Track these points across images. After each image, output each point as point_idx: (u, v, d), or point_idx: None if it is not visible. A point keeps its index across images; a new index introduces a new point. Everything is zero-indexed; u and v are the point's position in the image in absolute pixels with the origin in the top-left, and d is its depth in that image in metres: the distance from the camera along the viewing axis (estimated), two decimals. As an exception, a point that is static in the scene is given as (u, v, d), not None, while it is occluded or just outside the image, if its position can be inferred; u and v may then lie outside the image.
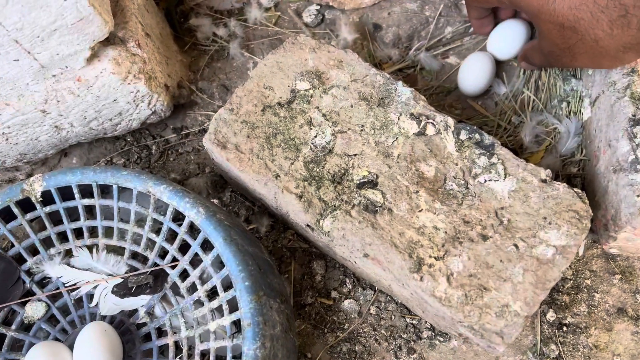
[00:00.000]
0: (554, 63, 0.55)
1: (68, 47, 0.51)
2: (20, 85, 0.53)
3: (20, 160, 0.64)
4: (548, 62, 0.56)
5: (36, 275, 0.57)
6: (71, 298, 0.56)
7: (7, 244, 0.58)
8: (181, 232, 0.54)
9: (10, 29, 0.46)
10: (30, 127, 0.58)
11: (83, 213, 0.56)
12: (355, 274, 0.61)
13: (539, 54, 0.56)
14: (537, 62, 0.58)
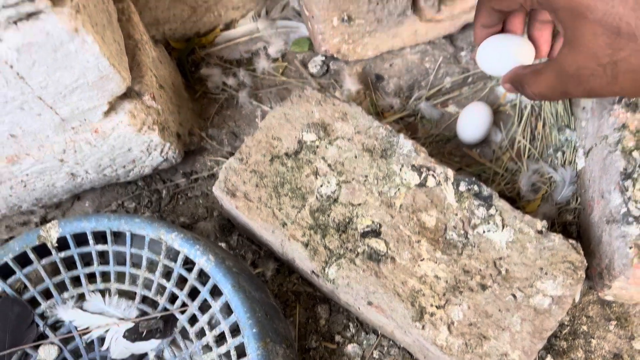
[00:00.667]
0: (573, 89, 0.43)
1: (88, 103, 0.53)
2: (41, 137, 0.55)
3: (36, 205, 0.66)
4: (564, 88, 0.43)
5: (49, 318, 0.58)
6: (83, 342, 0.58)
7: (21, 286, 0.60)
8: (191, 278, 0.56)
9: (35, 88, 0.49)
10: (47, 175, 0.61)
11: (96, 258, 0.58)
12: (358, 319, 0.63)
13: (553, 77, 0.43)
14: (542, 89, 0.45)
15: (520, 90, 0.47)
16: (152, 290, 0.58)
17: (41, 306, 0.58)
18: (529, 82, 0.45)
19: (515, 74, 0.47)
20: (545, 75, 0.43)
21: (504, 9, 0.46)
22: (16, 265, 0.57)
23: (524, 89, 0.46)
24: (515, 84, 0.47)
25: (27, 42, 0.45)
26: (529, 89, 0.46)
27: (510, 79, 0.48)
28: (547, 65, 0.43)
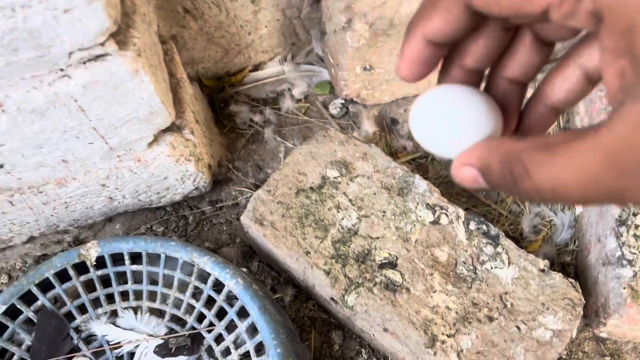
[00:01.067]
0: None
1: (135, 134, 0.59)
2: (89, 163, 0.60)
3: (72, 225, 0.71)
4: (622, 184, 0.21)
5: (83, 332, 0.62)
6: (113, 356, 0.62)
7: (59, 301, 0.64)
8: (220, 300, 0.60)
9: (93, 119, 0.55)
10: (88, 198, 0.65)
11: (131, 277, 0.63)
12: (370, 345, 0.67)
13: (600, 160, 0.21)
14: (572, 181, 0.22)
15: (510, 182, 0.24)
16: (181, 309, 0.62)
17: (76, 320, 0.62)
18: (540, 169, 0.23)
19: (503, 150, 0.24)
20: (581, 156, 0.21)
21: (494, 13, 0.24)
22: (56, 281, 0.62)
23: (522, 181, 0.23)
24: (502, 170, 0.24)
25: (93, 80, 0.51)
26: (540, 180, 0.23)
27: (482, 160, 0.25)
28: (585, 138, 0.21)
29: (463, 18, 0.25)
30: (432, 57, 0.27)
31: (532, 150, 0.23)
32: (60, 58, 0.48)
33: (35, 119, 0.52)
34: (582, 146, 0.21)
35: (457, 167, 0.26)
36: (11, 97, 0.50)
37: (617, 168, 0.21)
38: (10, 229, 0.67)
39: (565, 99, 0.28)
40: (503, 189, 0.24)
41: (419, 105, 0.28)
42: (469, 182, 0.25)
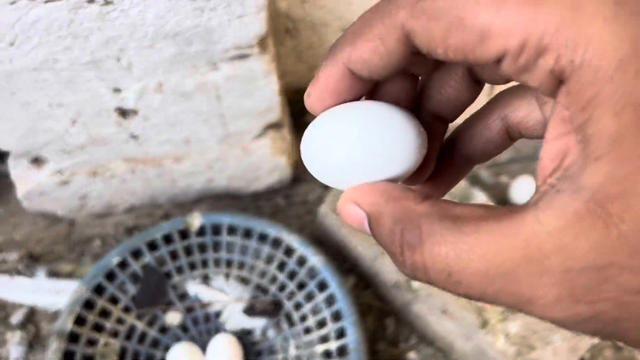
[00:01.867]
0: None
1: (249, 125, 0.70)
2: (205, 145, 0.71)
3: (169, 201, 0.81)
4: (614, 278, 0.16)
5: (179, 289, 0.72)
6: (202, 313, 0.71)
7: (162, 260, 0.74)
8: (302, 273, 0.70)
9: (223, 108, 0.66)
10: (193, 177, 0.76)
11: (225, 247, 0.73)
12: (420, 331, 0.77)
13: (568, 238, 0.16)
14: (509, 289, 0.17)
15: (397, 247, 0.19)
16: (265, 278, 0.72)
17: (174, 279, 0.72)
18: (438, 245, 0.18)
19: (400, 207, 0.20)
20: (493, 243, 0.17)
21: (437, 54, 0.19)
22: (162, 243, 0.72)
23: (412, 252, 0.18)
24: (393, 229, 0.19)
25: (235, 74, 0.62)
26: (434, 258, 0.18)
27: (374, 207, 0.20)
28: (501, 221, 0.17)
29: (397, 53, 0.20)
30: (351, 91, 0.22)
31: (434, 218, 0.18)
32: (218, 54, 0.59)
33: (181, 101, 0.64)
34: (497, 231, 0.17)
35: (344, 201, 0.21)
36: (170, 81, 0.61)
37: (536, 270, 0.16)
38: (122, 196, 0.77)
39: (482, 150, 0.24)
40: (388, 251, 0.19)
41: (325, 118, 0.22)
42: (354, 223, 0.21)
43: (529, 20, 0.16)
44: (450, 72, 0.23)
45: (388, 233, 0.19)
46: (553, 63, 0.17)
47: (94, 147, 0.68)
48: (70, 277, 0.80)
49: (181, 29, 0.55)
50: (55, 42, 0.54)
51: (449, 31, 0.18)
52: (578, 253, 0.16)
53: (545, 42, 0.16)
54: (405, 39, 0.19)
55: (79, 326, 0.66)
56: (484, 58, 0.18)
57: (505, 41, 0.17)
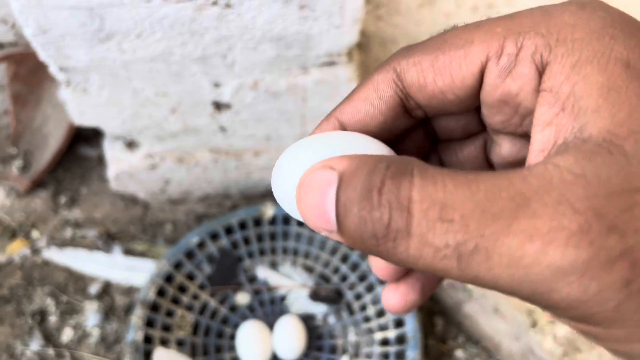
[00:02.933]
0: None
1: (326, 126, 0.76)
2: (283, 141, 0.78)
3: (239, 193, 0.88)
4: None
5: (248, 272, 0.78)
6: (269, 296, 0.77)
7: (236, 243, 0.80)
8: (364, 265, 0.76)
9: (306, 109, 0.73)
10: (266, 171, 0.83)
11: (293, 237, 0.79)
12: (467, 331, 0.81)
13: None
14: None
15: (377, 187, 0.16)
16: (328, 268, 0.78)
17: (245, 262, 0.78)
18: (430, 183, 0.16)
19: (386, 154, 0.20)
20: (482, 185, 0.16)
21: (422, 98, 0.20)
22: (237, 228, 0.78)
23: (395, 187, 0.16)
24: (370, 171, 0.17)
25: (322, 79, 0.69)
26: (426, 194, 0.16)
27: (352, 161, 0.18)
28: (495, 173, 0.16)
29: (389, 100, 0.20)
30: None
31: (428, 166, 0.16)
32: (311, 59, 0.66)
33: (271, 100, 0.70)
34: (504, 173, 0.15)
35: (313, 168, 0.18)
36: (265, 80, 0.68)
37: (555, 199, 0.15)
38: (200, 185, 0.84)
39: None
40: (356, 207, 0.16)
41: (287, 156, 0.20)
42: (315, 192, 0.17)
43: (504, 27, 0.18)
44: (428, 162, 0.19)
45: (366, 175, 0.16)
46: (532, 52, 0.18)
47: (185, 135, 0.75)
48: (143, 256, 0.87)
49: (285, 34, 0.62)
50: (174, 37, 0.61)
51: (436, 58, 0.19)
52: (602, 178, 0.14)
53: (521, 38, 0.18)
54: (397, 80, 0.20)
55: (160, 297, 0.72)
56: (470, 71, 0.19)
57: (487, 47, 0.19)
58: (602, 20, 0.17)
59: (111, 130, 0.74)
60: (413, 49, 0.20)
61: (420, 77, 0.20)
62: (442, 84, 0.19)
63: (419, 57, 0.19)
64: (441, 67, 0.19)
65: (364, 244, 0.16)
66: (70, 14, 0.57)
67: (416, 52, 0.20)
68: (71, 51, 0.62)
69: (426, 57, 0.19)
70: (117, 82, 0.66)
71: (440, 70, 0.19)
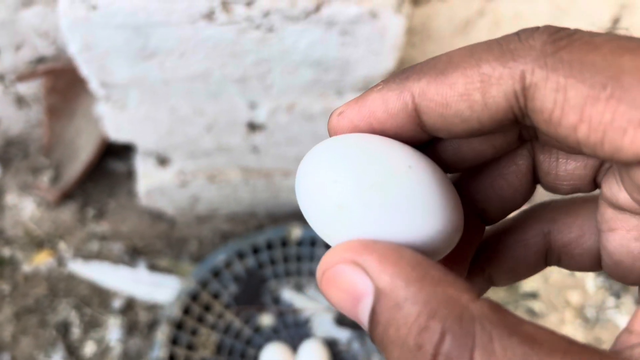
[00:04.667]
0: None
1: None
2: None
3: (266, 213, 0.88)
4: None
5: (273, 294, 0.78)
6: (293, 318, 0.77)
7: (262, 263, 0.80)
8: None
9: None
10: (294, 193, 0.83)
11: (320, 259, 0.79)
12: None
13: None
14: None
15: (427, 352, 0.13)
16: (354, 294, 0.77)
17: (270, 283, 0.78)
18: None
19: (442, 292, 0.13)
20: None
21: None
22: (265, 248, 0.78)
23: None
24: (425, 323, 0.13)
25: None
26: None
27: (395, 278, 0.14)
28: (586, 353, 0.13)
29: (500, 117, 0.15)
30: (404, 135, 0.17)
31: (499, 329, 0.13)
32: (348, 84, 0.67)
33: (304, 123, 0.71)
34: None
35: (339, 255, 0.15)
36: (300, 103, 0.69)
37: None
38: (229, 203, 0.84)
39: (511, 270, 0.20)
40: (398, 354, 0.13)
41: (314, 157, 0.17)
42: (345, 295, 0.14)
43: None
44: (512, 164, 0.18)
45: (415, 329, 0.13)
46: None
47: (218, 154, 0.76)
48: (168, 273, 0.87)
49: (324, 59, 0.63)
50: (216, 58, 0.62)
51: (595, 95, 0.13)
52: None
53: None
54: (520, 94, 0.14)
55: (185, 315, 0.72)
56: (634, 150, 0.13)
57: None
58: None
59: (145, 146, 0.75)
60: (564, 52, 0.14)
61: (557, 112, 0.14)
62: (587, 137, 0.14)
63: (569, 79, 0.14)
64: (596, 117, 0.13)
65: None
66: (116, 32, 0.59)
67: (566, 66, 0.14)
68: (114, 68, 0.63)
69: (579, 87, 0.13)
70: (156, 99, 0.67)
71: (592, 121, 0.14)
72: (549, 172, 0.18)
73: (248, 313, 0.76)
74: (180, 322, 0.71)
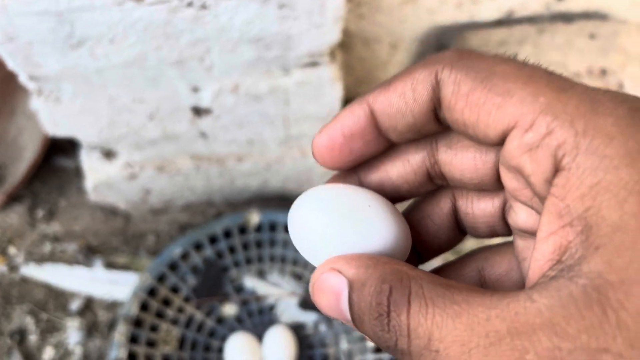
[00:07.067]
0: None
1: (310, 129, 0.74)
2: (266, 146, 0.76)
3: (224, 200, 0.85)
4: None
5: (235, 282, 0.76)
6: (257, 306, 0.75)
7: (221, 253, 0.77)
8: (354, 271, 0.74)
9: (290, 110, 0.70)
10: (251, 177, 0.80)
11: (281, 244, 0.77)
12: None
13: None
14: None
15: (383, 307, 0.18)
16: (318, 276, 0.75)
17: (231, 272, 0.76)
18: (426, 307, 0.18)
19: (389, 269, 0.19)
20: (481, 314, 0.17)
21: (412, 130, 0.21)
22: (222, 237, 0.76)
23: (398, 311, 0.18)
24: (380, 289, 0.19)
25: (304, 80, 0.67)
26: (419, 319, 0.18)
27: (359, 272, 0.20)
28: (493, 297, 0.17)
29: (423, 102, 0.20)
30: (364, 139, 0.22)
31: (425, 282, 0.18)
32: (292, 60, 0.64)
33: (252, 103, 0.68)
34: (488, 303, 0.17)
35: (322, 269, 0.20)
36: (245, 83, 0.66)
37: (522, 346, 0.16)
38: (182, 193, 0.81)
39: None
40: (368, 318, 0.18)
41: (301, 205, 0.22)
42: (329, 296, 0.20)
43: (548, 100, 0.17)
44: (436, 206, 0.24)
45: (374, 294, 0.18)
46: (557, 144, 0.17)
47: (165, 143, 0.72)
48: (126, 269, 0.84)
49: (264, 35, 0.60)
50: (149, 41, 0.59)
51: (474, 89, 0.18)
52: (570, 332, 0.15)
53: (556, 123, 0.17)
54: (435, 88, 0.20)
55: (143, 312, 0.69)
56: (495, 126, 0.18)
57: (520, 112, 0.17)
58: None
59: (87, 139, 0.71)
60: (464, 60, 0.19)
61: (453, 99, 0.19)
62: (469, 119, 0.19)
63: (462, 77, 0.19)
64: (474, 102, 0.19)
65: (380, 345, 0.19)
66: (38, 19, 0.55)
67: (463, 68, 0.19)
68: (41, 59, 0.59)
69: (467, 82, 0.19)
70: (91, 89, 0.64)
71: (471, 105, 0.19)
72: (467, 212, 0.23)
73: (210, 305, 0.73)
74: (139, 320, 0.69)
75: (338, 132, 0.22)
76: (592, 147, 0.16)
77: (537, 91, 0.17)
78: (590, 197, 0.16)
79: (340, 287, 0.19)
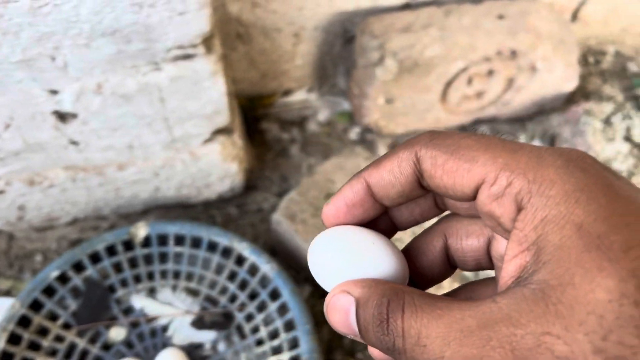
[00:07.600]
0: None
1: (196, 129, 0.68)
2: (150, 151, 0.68)
3: (114, 212, 0.77)
4: None
5: (123, 304, 0.68)
6: (148, 327, 0.68)
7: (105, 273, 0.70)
8: (253, 282, 0.68)
9: (167, 110, 0.63)
10: (138, 185, 0.73)
11: (172, 258, 0.70)
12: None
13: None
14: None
15: (383, 316, 0.22)
16: (215, 289, 0.69)
17: (118, 293, 0.68)
18: (416, 312, 0.22)
19: (387, 287, 0.24)
20: (456, 315, 0.21)
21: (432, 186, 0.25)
22: (105, 254, 0.68)
23: (394, 318, 0.22)
24: (380, 302, 0.23)
25: (179, 75, 0.60)
26: (411, 322, 0.22)
27: (363, 292, 0.24)
28: (468, 302, 0.22)
29: (408, 176, 0.25)
30: (363, 207, 0.26)
31: (416, 294, 0.23)
32: (160, 53, 0.57)
33: (122, 104, 0.61)
34: (465, 307, 0.21)
35: (334, 292, 0.25)
36: (110, 81, 0.58)
37: (488, 335, 0.20)
38: (63, 207, 0.73)
39: (429, 276, 0.28)
40: (372, 328, 0.23)
41: (317, 244, 0.27)
42: (340, 313, 0.24)
43: (505, 160, 0.23)
44: (429, 244, 0.28)
45: (376, 307, 0.23)
46: (517, 192, 0.22)
47: (31, 154, 0.64)
48: (9, 295, 0.75)
49: (119, 26, 0.53)
50: (-19, 39, 0.51)
51: (447, 160, 0.24)
52: (522, 322, 0.20)
53: (513, 176, 0.22)
54: (416, 162, 0.25)
55: (12, 345, 0.61)
56: (468, 185, 0.23)
57: (486, 171, 0.23)
58: (575, 183, 0.21)
59: None
60: (435, 140, 0.24)
61: (432, 169, 0.24)
62: (447, 183, 0.24)
63: (436, 152, 0.24)
64: (449, 169, 0.24)
65: (382, 350, 0.23)
66: None
67: (436, 146, 0.24)
68: None
69: (441, 155, 0.24)
70: None
71: (447, 172, 0.24)
72: (457, 248, 0.27)
73: (94, 330, 0.66)
74: (7, 355, 0.61)
75: (342, 202, 0.27)
76: (541, 190, 0.21)
77: (495, 154, 0.23)
78: (540, 227, 0.21)
79: (348, 305, 0.24)
